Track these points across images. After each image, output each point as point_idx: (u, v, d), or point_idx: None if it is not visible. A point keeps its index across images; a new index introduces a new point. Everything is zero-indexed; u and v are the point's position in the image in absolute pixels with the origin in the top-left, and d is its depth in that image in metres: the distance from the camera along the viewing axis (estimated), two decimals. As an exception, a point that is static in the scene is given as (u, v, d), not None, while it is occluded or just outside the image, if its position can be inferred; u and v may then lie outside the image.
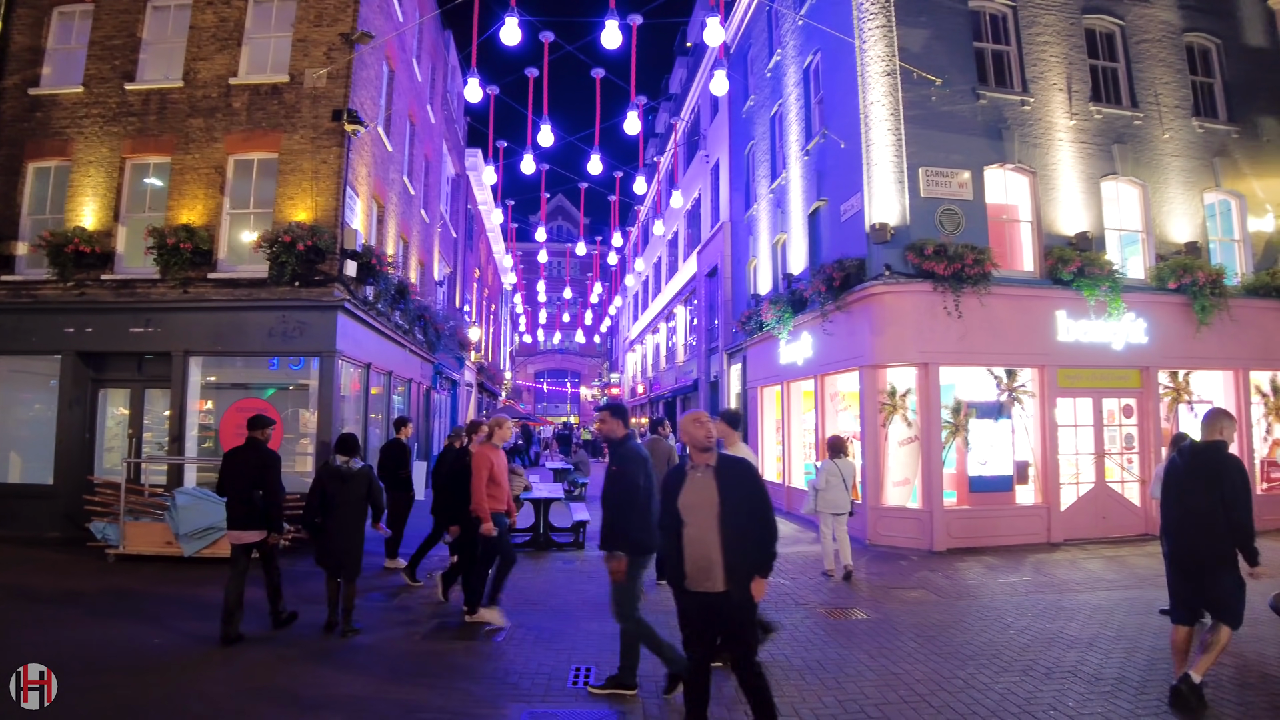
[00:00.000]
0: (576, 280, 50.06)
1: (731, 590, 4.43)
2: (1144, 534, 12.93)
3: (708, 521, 4.47)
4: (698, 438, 4.65)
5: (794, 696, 5.71)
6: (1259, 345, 14.35)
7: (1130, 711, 5.38)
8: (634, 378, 42.59)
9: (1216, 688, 5.80)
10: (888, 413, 12.77)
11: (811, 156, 15.74)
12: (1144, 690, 5.84)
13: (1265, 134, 15.47)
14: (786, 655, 6.77)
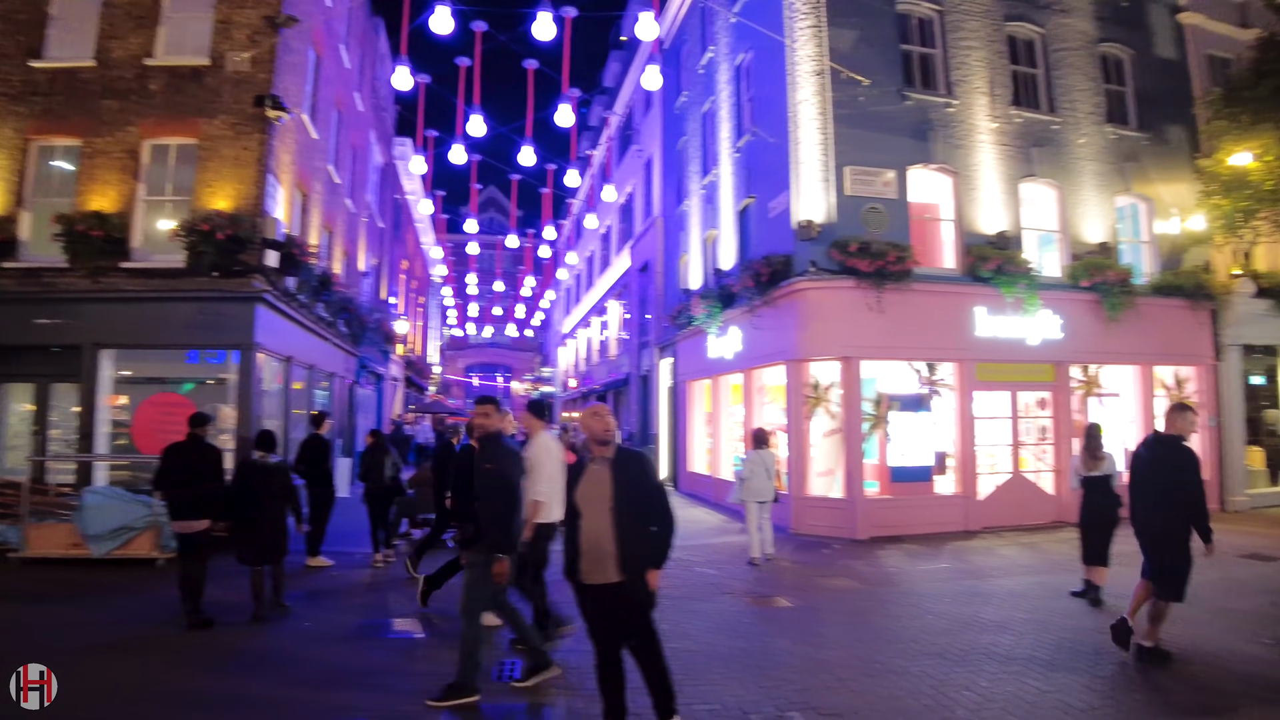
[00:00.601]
0: (508, 273, 49.51)
1: (625, 582, 4.45)
2: (1057, 521, 13.44)
3: (602, 513, 4.47)
4: (596, 431, 4.65)
5: (719, 684, 5.80)
6: (1163, 341, 15.14)
7: (1038, 690, 5.63)
8: (566, 372, 42.48)
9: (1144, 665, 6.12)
10: (812, 405, 13.08)
11: (742, 154, 15.95)
12: (1053, 668, 6.12)
13: (1172, 141, 16.27)
14: (712, 643, 6.87)
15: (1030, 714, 5.19)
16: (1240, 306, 15.76)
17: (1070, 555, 10.54)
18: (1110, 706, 5.34)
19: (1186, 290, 15.22)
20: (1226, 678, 5.95)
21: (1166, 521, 6.17)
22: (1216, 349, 15.73)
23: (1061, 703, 5.38)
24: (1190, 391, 15.55)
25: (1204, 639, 6.94)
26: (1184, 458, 6.22)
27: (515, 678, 5.89)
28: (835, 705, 5.35)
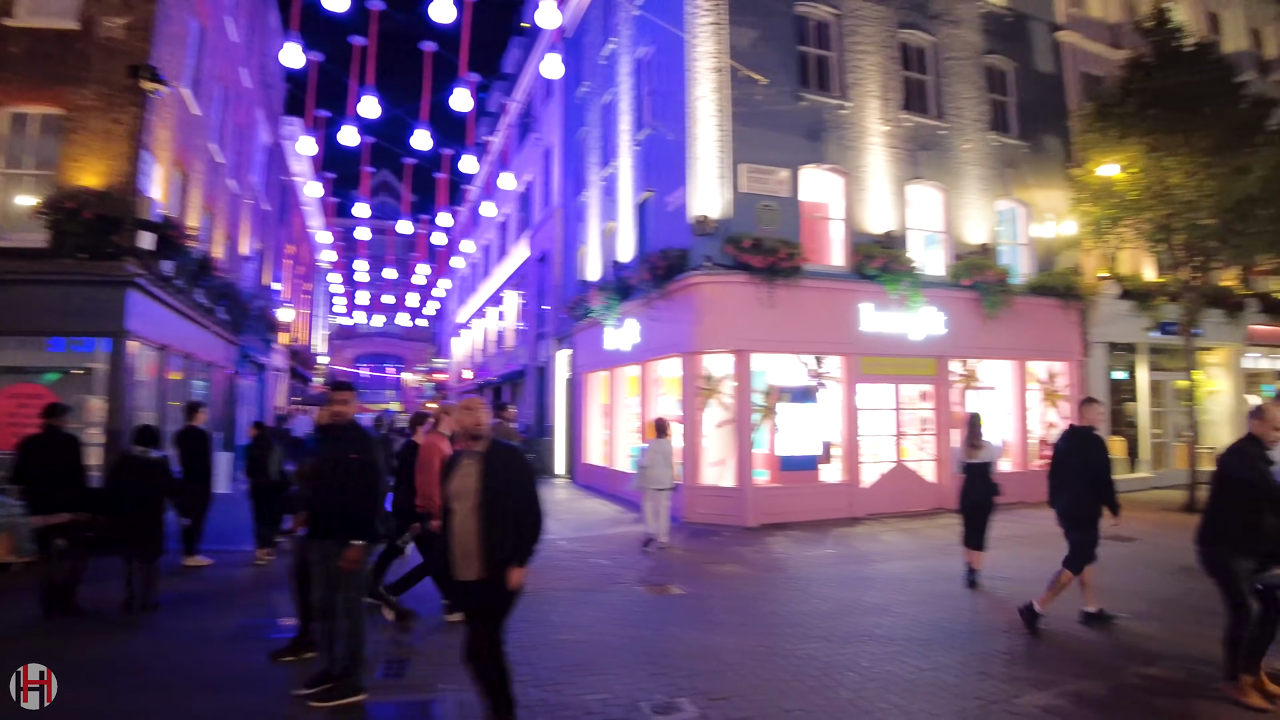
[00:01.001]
0: (400, 260, 47.92)
1: (488, 578, 4.37)
2: (938, 508, 14.12)
3: (470, 508, 4.41)
4: (467, 425, 4.56)
5: (610, 673, 5.84)
6: (1037, 338, 16.08)
7: (916, 668, 5.90)
8: (461, 363, 41.75)
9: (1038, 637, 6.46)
10: (706, 397, 13.32)
11: (641, 147, 16.02)
12: (930, 648, 6.41)
13: (1048, 151, 17.27)
14: (604, 633, 6.92)
15: (908, 691, 5.42)
16: (1106, 307, 16.92)
17: (950, 540, 11.07)
18: (978, 681, 5.63)
19: (1058, 291, 16.21)
20: (1083, 650, 6.37)
21: (1087, 503, 6.94)
22: (1084, 346, 16.83)
23: (937, 680, 5.65)
24: (1060, 385, 16.59)
25: (1067, 612, 7.38)
26: (1097, 444, 7.09)
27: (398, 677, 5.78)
28: (724, 689, 5.46)
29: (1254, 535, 4.98)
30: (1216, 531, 5.18)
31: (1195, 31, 18.07)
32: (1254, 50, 22.42)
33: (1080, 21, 18.61)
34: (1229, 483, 5.16)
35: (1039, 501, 14.83)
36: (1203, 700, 5.23)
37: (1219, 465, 5.27)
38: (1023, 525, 12.63)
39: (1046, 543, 11.18)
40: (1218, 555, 5.12)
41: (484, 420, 4.65)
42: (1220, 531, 5.14)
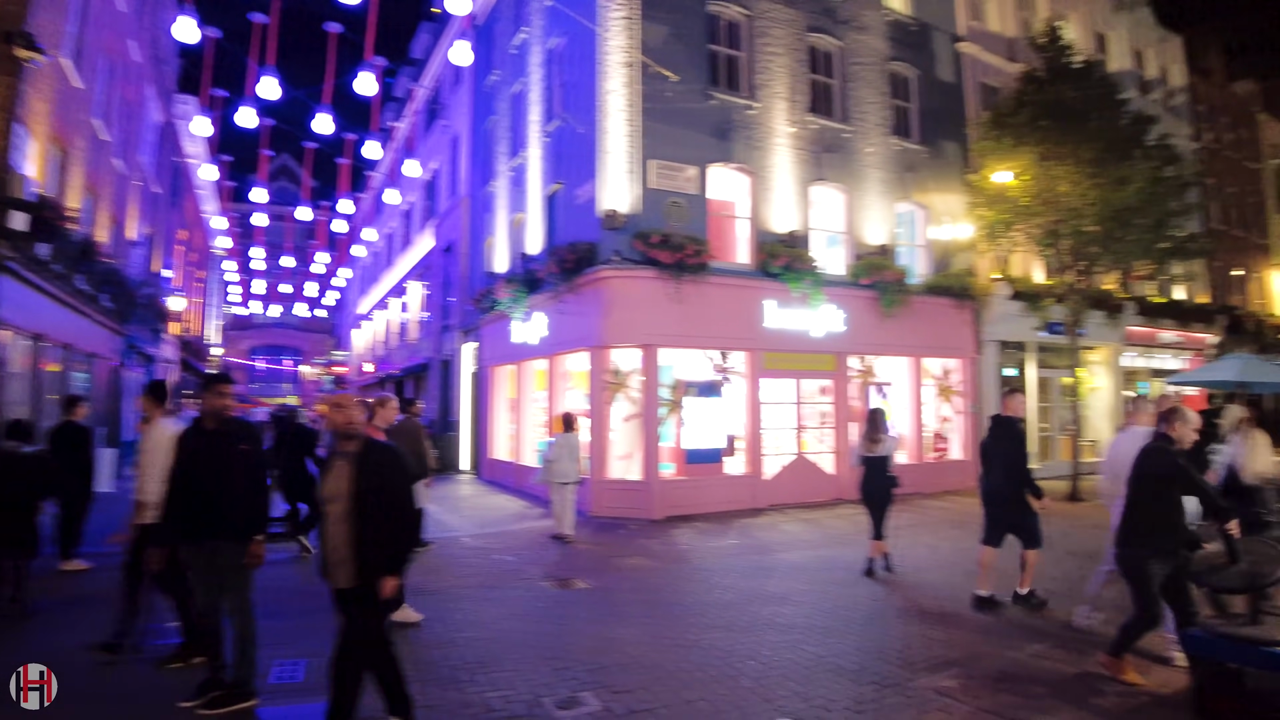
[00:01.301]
0: (299, 248, 46.11)
1: (360, 586, 4.20)
2: (836, 499, 14.57)
3: (342, 512, 4.23)
4: (338, 423, 4.38)
5: (512, 670, 5.78)
6: (932, 336, 16.73)
7: (815, 655, 6.04)
8: (362, 355, 40.61)
9: (879, 618, 6.67)
10: (613, 391, 13.33)
11: (551, 139, 15.89)
12: (828, 635, 6.58)
13: (947, 156, 17.94)
14: (507, 630, 6.85)
15: (807, 678, 5.54)
16: (997, 307, 17.69)
17: (848, 530, 11.39)
18: (874, 666, 5.80)
19: (953, 291, 16.89)
20: (975, 632, 6.63)
21: (1014, 487, 7.34)
22: (977, 344, 17.61)
23: (835, 666, 5.80)
24: (954, 381, 17.29)
25: (959, 599, 7.73)
26: (1016, 433, 7.54)
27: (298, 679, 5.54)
28: (627, 682, 5.47)
29: (1173, 535, 5.09)
30: (1135, 533, 5.23)
31: (1084, 50, 19.13)
32: (1136, 70, 23.91)
33: (979, 34, 19.39)
34: (1152, 481, 5.16)
35: (934, 492, 15.82)
36: (1084, 678, 5.49)
37: (1140, 466, 5.27)
38: (919, 515, 13.17)
39: (940, 531, 11.78)
40: (1135, 558, 5.20)
41: (355, 418, 4.45)
42: (1138, 533, 5.19)
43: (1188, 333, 23.51)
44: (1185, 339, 23.40)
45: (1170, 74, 25.69)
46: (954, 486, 16.69)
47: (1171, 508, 5.06)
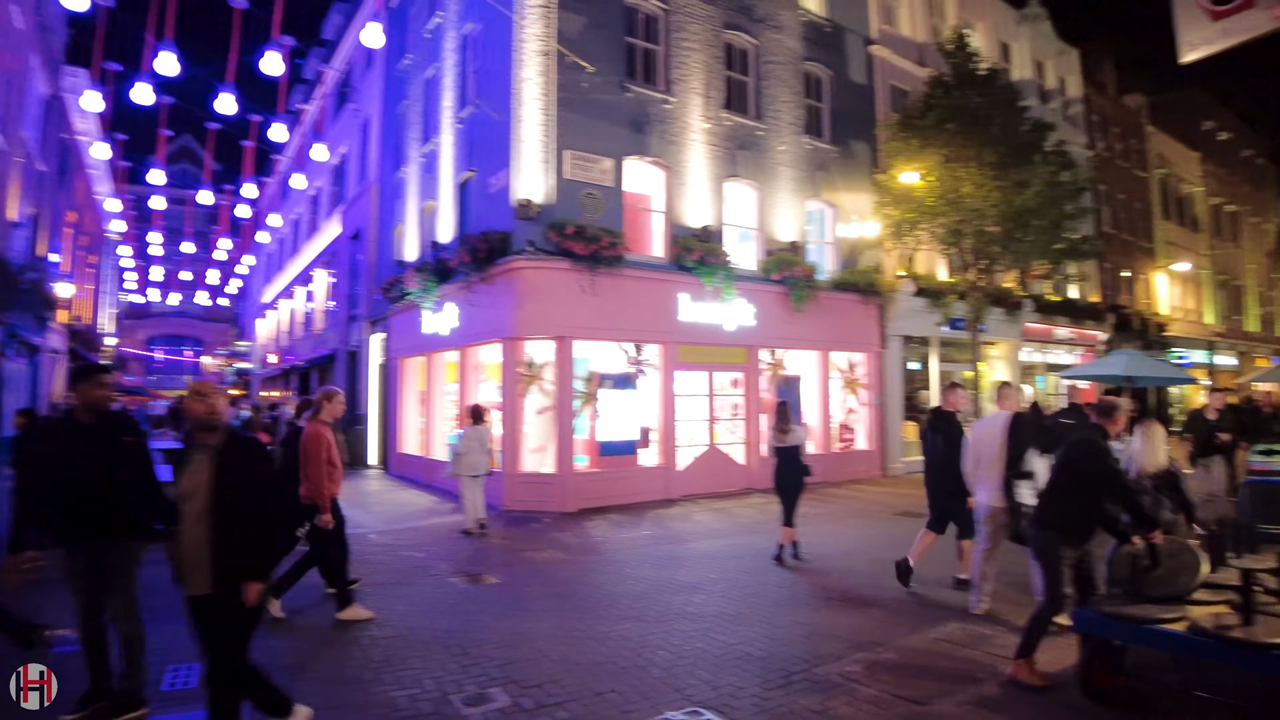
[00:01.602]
0: (200, 233, 44.01)
1: (221, 593, 3.87)
2: (747, 488, 14.88)
3: (199, 512, 3.89)
4: (198, 414, 4.04)
5: (419, 668, 5.67)
6: (839, 330, 17.13)
7: (724, 643, 6.11)
8: (266, 346, 39.15)
9: (796, 602, 6.78)
10: (527, 384, 13.19)
11: (465, 126, 15.59)
12: (738, 623, 6.66)
13: (856, 156, 18.34)
14: (414, 627, 6.70)
15: (717, 666, 5.60)
16: (902, 303, 18.21)
17: (758, 519, 11.54)
18: (782, 653, 5.90)
19: (860, 287, 17.29)
20: (882, 618, 6.78)
21: (952, 479, 7.35)
22: (882, 338, 18.08)
23: (744, 653, 5.87)
24: (860, 375, 17.78)
25: (865, 585, 7.95)
26: (954, 427, 7.70)
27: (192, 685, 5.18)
28: (537, 676, 5.43)
29: (1090, 525, 5.18)
30: (1055, 517, 5.23)
31: (989, 58, 19.80)
32: (1037, 80, 24.97)
33: (891, 38, 19.89)
34: (1082, 475, 5.15)
35: (841, 481, 16.22)
36: (981, 661, 5.66)
37: (1072, 457, 5.27)
38: (827, 504, 13.50)
39: (846, 520, 12.09)
40: (1046, 539, 5.22)
41: (218, 408, 4.11)
42: (1058, 518, 5.21)
43: (1080, 329, 24.74)
44: (1078, 335, 24.62)
45: (1068, 85, 26.87)
46: (860, 475, 17.23)
47: (1095, 498, 5.09)
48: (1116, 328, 26.54)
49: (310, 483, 6.81)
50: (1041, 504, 5.42)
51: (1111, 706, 4.82)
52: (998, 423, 6.88)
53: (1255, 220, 39.86)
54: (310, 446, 6.85)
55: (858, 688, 5.19)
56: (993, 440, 6.77)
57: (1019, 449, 6.54)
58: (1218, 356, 34.19)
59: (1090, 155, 26.23)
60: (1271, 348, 39.11)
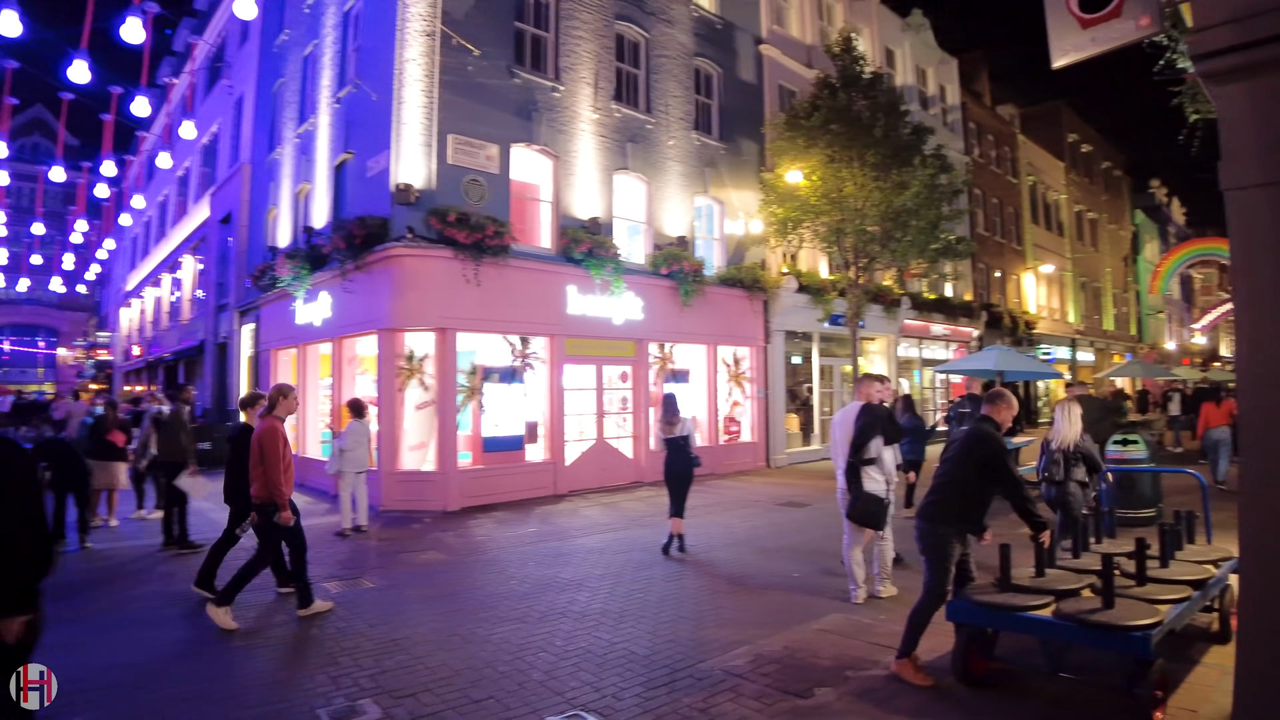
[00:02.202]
0: (54, 214, 40.67)
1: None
2: (636, 481, 14.88)
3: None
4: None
5: (285, 681, 5.33)
6: (726, 325, 17.30)
7: (608, 642, 5.96)
8: (129, 337, 36.67)
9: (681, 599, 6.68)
10: (405, 377, 12.66)
11: (343, 106, 14.87)
12: (622, 620, 6.52)
13: (744, 154, 18.52)
14: (282, 637, 6.31)
15: (600, 666, 5.44)
16: (786, 299, 18.55)
17: (645, 511, 11.45)
18: (667, 649, 5.79)
19: (746, 283, 17.48)
20: (765, 609, 6.76)
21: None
22: (766, 333, 18.36)
23: (628, 652, 5.74)
24: (745, 369, 17.95)
25: (751, 577, 7.94)
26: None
27: None
28: (412, 685, 5.16)
29: (980, 518, 5.18)
30: (947, 511, 5.16)
31: (873, 62, 20.33)
32: (919, 86, 25.94)
33: (781, 38, 20.18)
34: (984, 468, 5.10)
35: (727, 473, 16.38)
36: (863, 651, 5.67)
37: (971, 449, 5.18)
38: (714, 495, 13.58)
39: (733, 510, 12.19)
40: (941, 535, 5.12)
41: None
42: (951, 512, 5.15)
43: (955, 326, 25.91)
44: (952, 332, 25.76)
45: (947, 93, 28.02)
46: (745, 467, 17.48)
47: (986, 491, 5.11)
48: (988, 324, 27.93)
49: (266, 480, 6.63)
50: (935, 498, 5.26)
51: (985, 690, 4.91)
52: (850, 412, 7.13)
53: (1112, 227, 42.86)
54: (267, 443, 6.64)
55: (742, 683, 5.12)
56: (845, 428, 7.03)
57: (862, 437, 6.71)
58: (1079, 353, 36.48)
59: (966, 160, 27.39)
60: (1125, 345, 42.14)
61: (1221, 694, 4.77)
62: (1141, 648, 4.19)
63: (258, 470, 6.68)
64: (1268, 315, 3.32)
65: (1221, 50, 3.44)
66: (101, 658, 5.75)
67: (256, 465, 6.69)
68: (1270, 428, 3.32)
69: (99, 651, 5.90)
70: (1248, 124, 3.43)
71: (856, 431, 6.75)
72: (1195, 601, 5.05)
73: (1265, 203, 3.34)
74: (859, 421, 6.82)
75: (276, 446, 6.66)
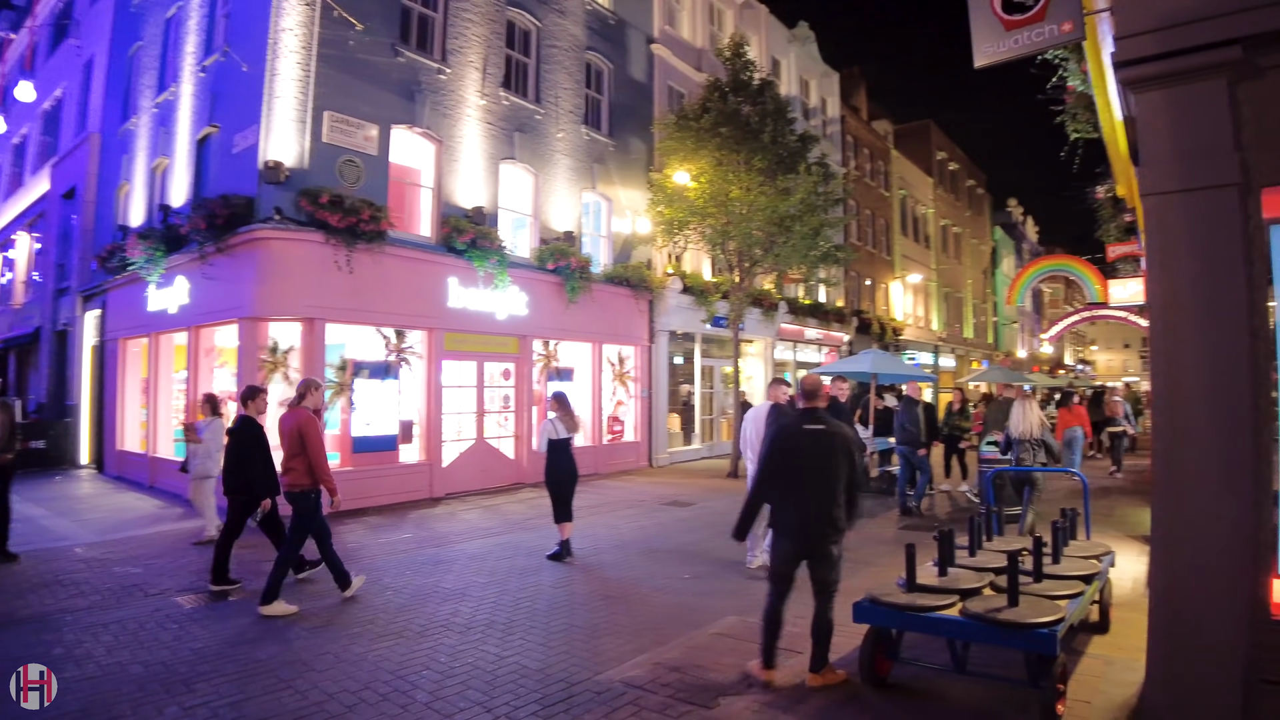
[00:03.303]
0: None
1: None
2: (517, 483, 14.39)
3: None
4: None
5: (126, 714, 4.67)
6: (611, 323, 17.12)
7: (497, 656, 5.58)
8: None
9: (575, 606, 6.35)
10: (268, 371, 11.70)
11: (209, 75, 13.72)
12: (510, 631, 6.15)
13: (632, 152, 18.40)
14: (124, 662, 5.55)
15: (490, 684, 5.07)
16: (670, 299, 18.56)
17: (528, 514, 11.10)
18: (561, 661, 5.48)
19: (632, 282, 17.37)
20: (656, 616, 6.54)
21: None
22: (651, 333, 18.30)
23: (519, 666, 5.39)
24: (629, 368, 17.85)
25: (641, 579, 7.74)
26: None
27: None
28: (278, 712, 4.64)
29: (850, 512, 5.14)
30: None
31: (762, 69, 20.62)
32: (802, 97, 26.56)
33: (672, 40, 20.18)
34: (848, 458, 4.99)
35: (611, 473, 16.20)
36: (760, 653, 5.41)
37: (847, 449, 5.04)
38: (599, 496, 13.37)
39: (618, 511, 12.02)
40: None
41: None
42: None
43: (827, 331, 26.72)
44: (825, 336, 26.57)
45: (828, 105, 28.82)
46: (628, 467, 17.38)
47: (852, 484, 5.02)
48: (858, 330, 29.02)
49: (313, 468, 6.87)
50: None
51: (892, 692, 4.88)
52: (762, 410, 8.00)
53: (974, 241, 45.46)
54: (311, 432, 6.89)
55: (643, 695, 4.88)
56: (758, 424, 7.80)
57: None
58: (942, 358, 38.42)
59: (844, 172, 28.25)
60: (983, 352, 44.79)
61: (1109, 684, 4.96)
62: (1048, 645, 4.23)
63: (295, 460, 6.86)
64: (1183, 314, 3.42)
65: (1143, 58, 3.52)
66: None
67: (294, 456, 6.86)
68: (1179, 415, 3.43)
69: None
70: (1166, 132, 3.52)
71: (768, 427, 7.12)
72: (1088, 595, 5.19)
73: (1181, 208, 3.44)
74: (769, 418, 7.58)
75: (320, 435, 6.98)
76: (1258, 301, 3.33)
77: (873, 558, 8.65)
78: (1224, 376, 3.36)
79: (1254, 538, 3.29)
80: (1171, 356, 3.47)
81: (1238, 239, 3.35)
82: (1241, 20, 3.30)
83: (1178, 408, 3.45)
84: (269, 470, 7.42)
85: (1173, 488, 3.45)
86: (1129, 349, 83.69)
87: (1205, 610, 3.35)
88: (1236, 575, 3.31)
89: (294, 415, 7.07)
